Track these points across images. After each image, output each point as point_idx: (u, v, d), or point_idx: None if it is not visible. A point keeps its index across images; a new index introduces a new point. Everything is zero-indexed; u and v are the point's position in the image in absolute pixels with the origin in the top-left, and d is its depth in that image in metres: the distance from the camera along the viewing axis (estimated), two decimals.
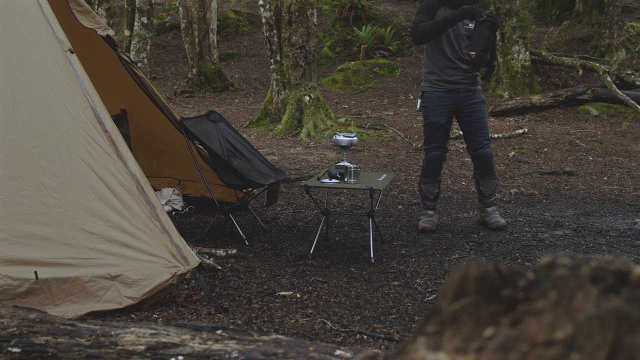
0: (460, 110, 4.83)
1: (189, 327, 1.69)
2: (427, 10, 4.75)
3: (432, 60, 4.81)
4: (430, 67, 4.82)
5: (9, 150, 3.26)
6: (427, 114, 4.84)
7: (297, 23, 9.11)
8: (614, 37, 12.71)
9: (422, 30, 4.67)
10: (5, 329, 1.76)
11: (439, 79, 4.77)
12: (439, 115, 4.79)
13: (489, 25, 4.64)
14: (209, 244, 4.60)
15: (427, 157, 4.92)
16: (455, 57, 4.72)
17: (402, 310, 3.43)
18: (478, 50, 4.66)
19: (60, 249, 3.20)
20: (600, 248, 4.52)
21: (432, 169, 4.91)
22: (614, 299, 0.70)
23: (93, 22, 4.03)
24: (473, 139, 4.87)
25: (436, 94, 4.79)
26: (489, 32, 4.65)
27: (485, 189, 5.00)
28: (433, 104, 4.80)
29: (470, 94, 4.80)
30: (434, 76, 4.80)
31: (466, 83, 4.76)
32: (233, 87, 13.73)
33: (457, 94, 4.77)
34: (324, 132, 9.00)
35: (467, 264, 0.80)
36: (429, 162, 4.91)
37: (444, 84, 4.76)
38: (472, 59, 4.68)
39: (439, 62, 4.75)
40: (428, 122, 4.84)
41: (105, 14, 12.25)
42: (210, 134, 4.94)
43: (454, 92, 4.77)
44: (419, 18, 4.74)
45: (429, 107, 4.82)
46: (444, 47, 4.72)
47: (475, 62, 4.70)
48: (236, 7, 17.58)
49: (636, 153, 7.96)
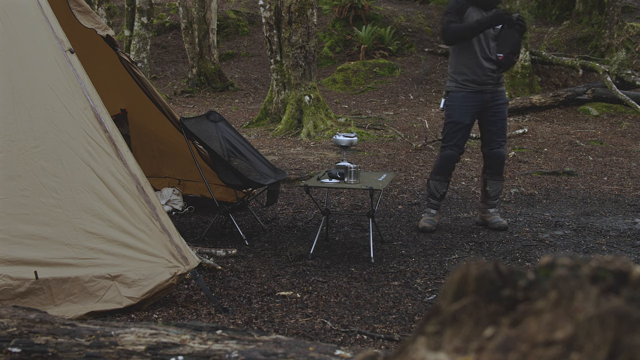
0: (485, 110, 4.84)
1: (189, 327, 1.69)
2: (456, 10, 4.74)
3: (460, 60, 4.80)
4: (458, 67, 4.82)
5: (9, 150, 3.26)
6: (451, 113, 4.83)
7: (297, 23, 9.11)
8: (614, 37, 12.71)
9: (455, 32, 4.67)
10: (5, 329, 1.76)
11: (467, 79, 4.77)
12: (463, 115, 4.79)
13: (518, 29, 4.67)
14: (209, 244, 4.60)
15: (442, 154, 4.90)
16: (484, 57, 4.74)
17: (402, 310, 3.43)
18: (506, 52, 4.68)
19: (60, 249, 3.20)
20: (600, 248, 4.52)
21: (445, 167, 4.90)
22: (614, 299, 0.70)
23: (93, 22, 4.03)
24: (492, 138, 4.89)
25: (462, 94, 4.79)
26: (518, 35, 4.69)
27: (492, 190, 5.01)
28: (458, 104, 4.79)
29: (495, 95, 4.82)
30: (461, 76, 4.79)
31: (492, 84, 4.79)
32: (233, 87, 13.73)
33: (483, 95, 4.78)
34: (324, 132, 9.00)
35: (467, 264, 0.80)
36: (443, 159, 4.89)
37: (472, 84, 4.76)
38: (500, 60, 4.71)
39: (468, 62, 4.76)
40: (451, 121, 4.83)
41: (105, 14, 12.25)
42: (210, 134, 4.94)
43: (480, 93, 4.77)
44: (449, 18, 4.72)
45: (453, 107, 4.81)
46: (474, 47, 4.74)
47: (502, 63, 4.73)
48: (236, 7, 17.58)
49: (636, 153, 7.96)
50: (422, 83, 12.58)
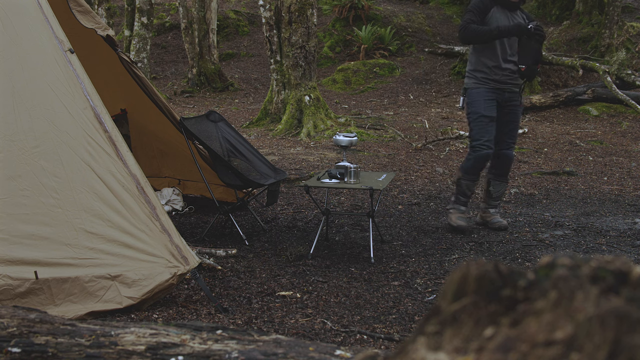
0: (501, 108, 4.79)
1: (189, 327, 1.69)
2: (479, 10, 4.68)
3: (481, 59, 4.75)
4: (477, 65, 4.77)
5: (9, 150, 3.26)
6: (477, 109, 4.73)
7: (297, 23, 9.11)
8: (614, 37, 12.71)
9: (473, 33, 4.63)
10: (5, 329, 1.76)
11: (486, 77, 4.74)
12: (490, 108, 4.72)
13: (538, 39, 4.63)
14: (209, 244, 4.60)
15: (477, 155, 4.74)
16: (504, 59, 4.72)
17: (402, 310, 3.43)
18: (528, 64, 4.65)
19: (60, 249, 3.20)
20: (600, 248, 4.52)
21: (479, 167, 4.80)
22: (614, 299, 0.70)
23: (93, 22, 4.03)
24: (502, 138, 4.83)
25: (482, 89, 4.73)
26: (538, 45, 4.66)
27: (495, 191, 4.98)
28: (480, 97, 4.73)
29: (513, 95, 4.81)
30: (480, 74, 4.75)
31: (512, 84, 4.77)
32: (233, 87, 13.73)
33: (502, 93, 4.75)
34: (324, 132, 9.00)
35: (467, 264, 0.80)
36: (477, 160, 4.75)
37: (491, 82, 4.73)
38: (523, 72, 4.68)
39: (489, 61, 4.72)
40: (479, 116, 4.72)
41: (105, 14, 12.25)
42: (210, 134, 4.94)
43: (500, 90, 4.75)
44: (470, 17, 4.66)
45: (477, 101, 4.74)
46: (496, 49, 4.70)
47: (525, 74, 4.70)
48: (236, 7, 17.58)
49: (636, 153, 7.96)
50: (423, 83, 12.58)
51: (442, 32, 15.56)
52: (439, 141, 8.41)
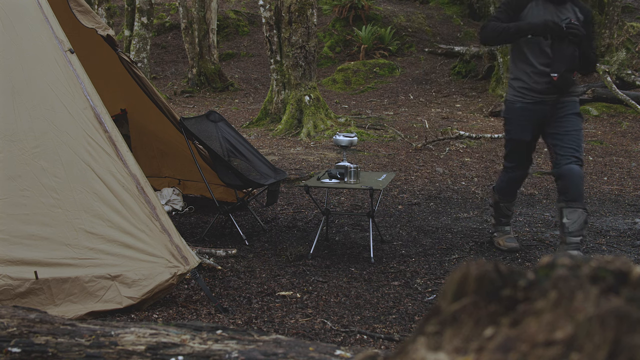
0: (547, 124, 4.11)
1: (189, 327, 1.69)
2: (510, 5, 4.07)
3: (517, 65, 4.13)
4: (515, 73, 4.15)
5: (9, 150, 3.26)
6: (510, 129, 4.22)
7: (297, 23, 9.11)
8: (614, 37, 12.71)
9: (490, 32, 4.06)
10: (5, 329, 1.76)
11: (524, 87, 4.09)
12: (522, 131, 4.14)
13: (572, 40, 3.91)
14: (209, 244, 4.60)
15: (510, 177, 4.32)
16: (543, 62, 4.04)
17: (402, 310, 3.43)
18: (560, 72, 3.94)
19: (60, 249, 3.20)
20: (600, 248, 4.52)
21: (514, 187, 4.40)
22: (614, 299, 0.70)
23: (93, 21, 4.03)
24: (557, 153, 4.02)
25: (519, 106, 4.11)
26: (572, 47, 3.93)
27: (570, 222, 3.97)
28: (516, 118, 4.15)
29: (559, 105, 4.06)
30: (518, 82, 4.12)
31: (554, 92, 4.04)
32: (233, 87, 13.73)
33: (543, 107, 4.07)
34: (324, 132, 9.00)
35: (467, 264, 0.80)
36: (510, 182, 4.34)
37: (530, 92, 4.07)
38: (555, 81, 3.96)
39: (524, 66, 4.08)
40: (510, 138, 4.23)
41: (105, 14, 12.25)
42: (210, 134, 4.94)
43: (540, 104, 4.06)
44: (496, 14, 4.13)
45: (511, 120, 4.20)
46: (524, 51, 4.08)
47: (557, 85, 3.97)
48: (236, 7, 17.58)
49: (636, 153, 7.96)
50: (423, 83, 12.58)
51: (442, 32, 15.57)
52: (439, 141, 8.41)
